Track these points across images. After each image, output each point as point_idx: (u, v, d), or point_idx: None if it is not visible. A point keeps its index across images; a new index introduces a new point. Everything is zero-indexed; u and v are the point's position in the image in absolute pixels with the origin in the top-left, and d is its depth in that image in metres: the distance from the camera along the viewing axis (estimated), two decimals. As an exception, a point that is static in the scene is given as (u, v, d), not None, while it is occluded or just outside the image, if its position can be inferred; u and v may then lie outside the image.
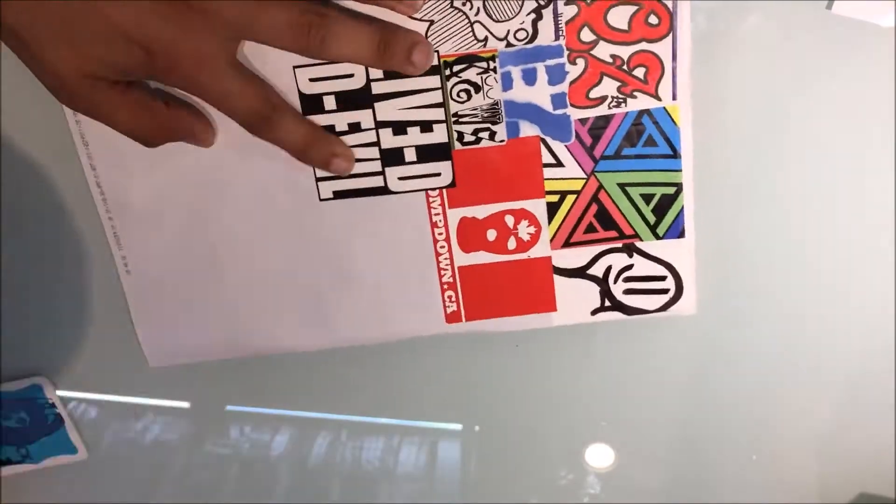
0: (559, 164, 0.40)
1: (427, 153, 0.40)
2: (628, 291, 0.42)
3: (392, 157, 0.40)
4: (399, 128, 0.39)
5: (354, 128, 0.39)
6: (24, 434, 0.49)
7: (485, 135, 0.39)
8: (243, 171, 0.41)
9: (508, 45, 0.38)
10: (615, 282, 0.42)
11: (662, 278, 0.42)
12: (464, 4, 0.37)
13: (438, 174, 0.40)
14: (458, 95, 0.39)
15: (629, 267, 0.42)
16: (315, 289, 0.43)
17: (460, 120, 0.39)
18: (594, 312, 0.43)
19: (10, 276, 0.44)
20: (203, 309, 0.44)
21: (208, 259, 0.43)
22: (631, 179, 0.40)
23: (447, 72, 0.38)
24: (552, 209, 0.41)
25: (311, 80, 0.38)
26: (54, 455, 0.50)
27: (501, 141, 0.40)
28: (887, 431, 0.45)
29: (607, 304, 0.43)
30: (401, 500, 0.49)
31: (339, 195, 0.41)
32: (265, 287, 0.43)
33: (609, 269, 0.42)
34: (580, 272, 0.42)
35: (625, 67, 0.38)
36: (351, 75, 0.38)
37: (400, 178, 0.40)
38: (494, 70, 0.38)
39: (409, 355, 0.45)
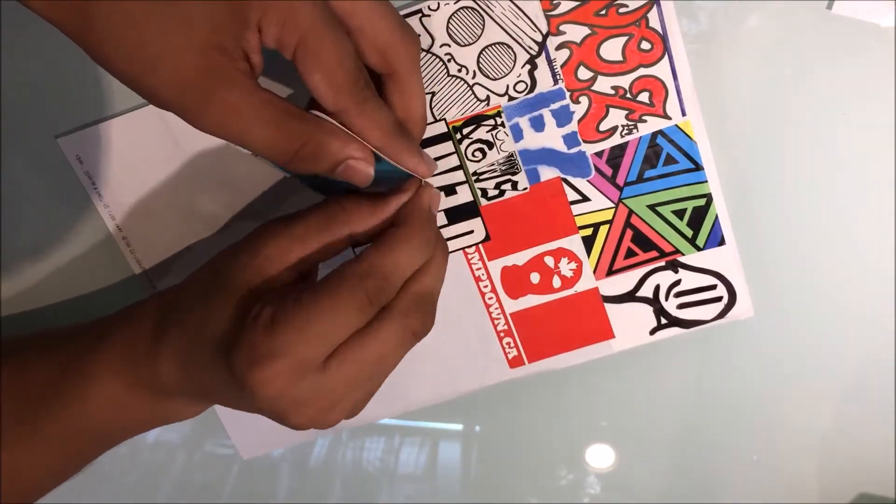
0: (585, 198, 0.40)
1: (456, 214, 0.41)
2: (682, 306, 0.42)
3: (424, 225, 0.41)
4: (425, 196, 0.41)
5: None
6: None
7: (507, 186, 0.40)
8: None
9: (510, 98, 0.39)
10: (667, 299, 0.42)
11: (713, 287, 0.42)
12: (459, 71, 0.38)
13: (471, 231, 0.41)
14: (473, 155, 0.40)
15: (677, 282, 0.42)
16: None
17: (481, 178, 0.40)
18: (653, 332, 0.43)
19: (10, 278, 0.44)
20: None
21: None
22: (659, 199, 0.40)
23: (458, 136, 0.39)
24: (588, 242, 0.41)
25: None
26: None
27: (524, 189, 0.40)
28: (887, 431, 0.44)
29: (664, 321, 0.43)
30: (401, 501, 0.49)
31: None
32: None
33: (658, 287, 0.42)
34: (630, 296, 0.42)
35: (628, 96, 0.38)
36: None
37: (436, 243, 0.42)
38: (503, 125, 0.39)
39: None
